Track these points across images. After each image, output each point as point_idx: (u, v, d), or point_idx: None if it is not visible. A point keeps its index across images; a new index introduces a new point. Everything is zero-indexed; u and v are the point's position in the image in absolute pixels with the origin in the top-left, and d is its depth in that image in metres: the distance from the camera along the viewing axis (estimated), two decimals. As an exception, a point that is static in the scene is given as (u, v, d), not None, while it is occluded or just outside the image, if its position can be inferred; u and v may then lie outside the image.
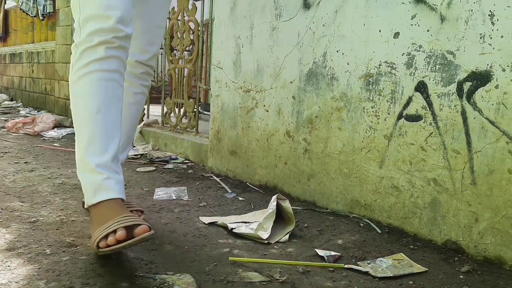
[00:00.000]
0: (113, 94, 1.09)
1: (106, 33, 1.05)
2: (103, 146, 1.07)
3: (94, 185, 1.06)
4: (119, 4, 1.06)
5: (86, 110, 1.06)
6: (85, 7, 1.07)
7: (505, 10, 1.08)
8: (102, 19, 1.05)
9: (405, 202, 1.31)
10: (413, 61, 1.28)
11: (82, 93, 1.07)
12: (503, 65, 1.09)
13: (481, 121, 1.13)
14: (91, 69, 1.06)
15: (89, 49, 1.06)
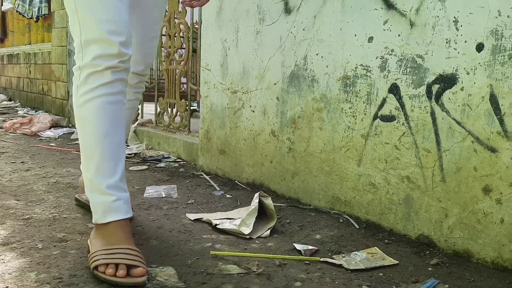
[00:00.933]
0: (119, 117, 1.13)
1: (112, 59, 1.07)
2: (112, 168, 1.10)
3: (104, 206, 1.10)
4: (122, 29, 1.08)
5: (94, 134, 1.09)
6: (87, 29, 1.07)
7: (468, 16, 1.14)
8: (107, 45, 1.06)
9: (382, 199, 1.38)
10: (386, 64, 1.34)
11: (90, 117, 1.09)
12: (467, 68, 1.15)
13: (449, 121, 1.20)
14: (98, 93, 1.08)
15: (95, 74, 1.07)
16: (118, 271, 0.99)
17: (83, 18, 1.07)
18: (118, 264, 1.00)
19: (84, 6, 1.06)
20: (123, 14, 1.08)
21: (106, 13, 1.06)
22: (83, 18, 1.07)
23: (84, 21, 1.07)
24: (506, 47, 1.08)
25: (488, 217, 1.13)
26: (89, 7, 1.06)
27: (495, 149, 1.11)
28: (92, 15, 1.06)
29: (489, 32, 1.11)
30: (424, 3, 1.24)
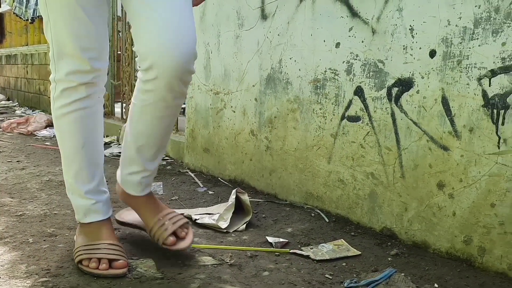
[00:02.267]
0: (96, 125, 1.16)
1: (85, 75, 1.08)
2: (90, 175, 1.16)
3: (84, 208, 1.17)
4: (94, 44, 1.07)
5: (72, 146, 1.13)
6: (58, 42, 1.06)
7: (422, 25, 1.23)
8: (79, 61, 1.06)
9: (349, 194, 1.48)
10: (351, 68, 1.43)
11: (67, 130, 1.13)
12: (422, 73, 1.25)
13: (407, 122, 1.29)
14: (73, 108, 1.10)
15: (69, 89, 1.08)
16: (101, 265, 1.09)
17: (55, 30, 1.05)
18: (101, 259, 1.10)
19: (56, 18, 1.04)
20: (97, 26, 1.07)
21: (78, 27, 1.04)
22: (55, 31, 1.05)
23: (56, 34, 1.05)
24: (455, 54, 1.17)
25: (442, 211, 1.23)
26: (61, 20, 1.04)
27: (447, 147, 1.20)
28: (64, 29, 1.04)
29: (440, 40, 1.20)
30: (384, 12, 1.33)
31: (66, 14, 1.03)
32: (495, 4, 1.09)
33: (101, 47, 1.09)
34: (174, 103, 1.09)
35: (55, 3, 1.03)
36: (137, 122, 1.13)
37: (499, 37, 1.09)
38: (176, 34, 1.00)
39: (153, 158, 1.18)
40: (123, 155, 1.21)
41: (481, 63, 1.12)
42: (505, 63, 1.08)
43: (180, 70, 1.01)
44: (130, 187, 1.21)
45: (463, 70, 1.16)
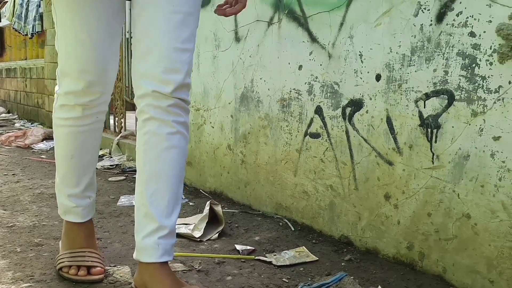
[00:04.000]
0: (89, 141, 1.20)
1: (82, 97, 1.10)
2: (75, 181, 1.22)
3: (65, 207, 1.26)
4: (94, 69, 1.08)
5: (62, 153, 1.20)
6: (62, 60, 1.10)
7: (369, 51, 1.37)
8: (76, 82, 1.08)
9: (313, 205, 1.60)
10: (312, 89, 1.56)
11: (60, 139, 1.19)
12: (370, 95, 1.38)
13: (359, 139, 1.42)
14: (68, 123, 1.15)
15: (67, 107, 1.13)
16: (80, 271, 1.21)
17: (61, 48, 1.09)
18: (80, 266, 1.22)
19: (62, 37, 1.08)
20: (102, 51, 1.08)
21: (81, 51, 1.07)
22: (61, 49, 1.09)
23: (62, 51, 1.09)
24: (396, 78, 1.30)
25: (389, 219, 1.35)
26: (67, 39, 1.07)
27: (392, 162, 1.33)
28: (68, 49, 1.07)
29: (384, 65, 1.33)
30: (338, 39, 1.46)
31: (71, 35, 1.06)
32: (427, 35, 1.22)
33: (102, 71, 1.10)
34: (175, 129, 1.05)
35: (64, 22, 1.07)
36: (144, 164, 1.07)
37: (431, 64, 1.22)
38: (171, 63, 1.04)
39: (169, 211, 1.08)
40: (136, 222, 1.13)
41: (417, 87, 1.25)
42: (436, 87, 1.21)
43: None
44: (146, 253, 1.08)
45: (403, 93, 1.29)
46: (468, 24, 1.14)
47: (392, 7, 1.30)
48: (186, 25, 1.04)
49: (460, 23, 1.15)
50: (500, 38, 1.08)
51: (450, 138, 1.19)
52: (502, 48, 1.08)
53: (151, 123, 1.05)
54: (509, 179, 1.08)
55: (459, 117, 1.17)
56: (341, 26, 1.45)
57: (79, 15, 1.05)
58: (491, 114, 1.11)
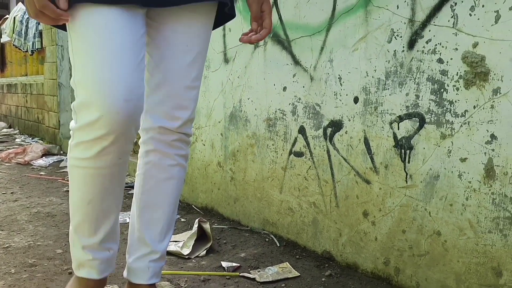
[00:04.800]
0: (110, 185, 1.00)
1: (102, 128, 0.90)
2: (92, 229, 1.03)
3: (79, 260, 1.06)
4: (118, 91, 0.90)
5: (78, 198, 1.01)
6: (80, 90, 0.92)
7: (347, 75, 1.43)
8: (98, 110, 0.89)
9: (297, 221, 1.66)
10: (296, 109, 1.63)
11: (76, 182, 1.00)
12: (349, 116, 1.44)
13: (339, 158, 1.48)
14: (86, 164, 0.96)
15: (85, 143, 0.93)
16: None
17: (77, 77, 0.92)
18: None
19: (79, 63, 0.93)
20: (122, 69, 0.92)
21: (102, 72, 0.90)
22: (78, 77, 0.92)
23: (78, 81, 0.92)
24: (373, 101, 1.36)
25: (367, 236, 1.40)
26: (83, 64, 0.92)
27: (369, 181, 1.39)
28: (85, 74, 0.91)
29: (361, 88, 1.39)
30: (319, 62, 1.53)
31: (91, 58, 0.91)
32: (400, 60, 1.29)
33: (130, 96, 0.92)
34: (176, 162, 1.10)
35: (81, 49, 0.91)
36: (143, 193, 1.10)
37: (404, 88, 1.28)
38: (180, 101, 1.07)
39: (162, 237, 1.12)
40: (128, 243, 1.14)
41: (391, 110, 1.31)
42: (408, 110, 1.27)
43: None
44: (136, 275, 1.12)
45: (379, 115, 1.35)
46: (436, 51, 1.20)
47: (367, 33, 1.36)
48: (196, 63, 1.07)
49: (429, 50, 1.22)
50: (465, 65, 1.14)
51: (421, 159, 1.25)
52: (467, 74, 1.14)
53: (153, 155, 1.09)
54: (475, 199, 1.14)
55: (430, 139, 1.23)
56: (321, 50, 1.51)
57: (101, 34, 0.90)
58: (458, 136, 1.16)
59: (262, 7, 1.07)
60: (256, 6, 1.07)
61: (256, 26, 1.09)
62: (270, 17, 1.09)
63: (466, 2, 1.13)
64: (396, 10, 1.28)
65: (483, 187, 1.13)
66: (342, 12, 1.43)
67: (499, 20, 1.07)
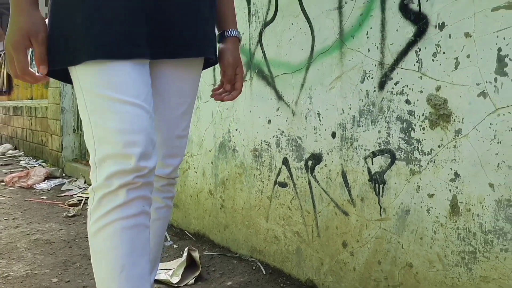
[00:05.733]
0: (139, 243, 0.96)
1: (126, 175, 0.91)
2: None
3: None
4: (140, 138, 0.92)
5: (109, 269, 0.94)
6: (101, 144, 0.92)
7: (325, 111, 1.51)
8: (121, 159, 0.91)
9: (282, 249, 1.72)
10: (279, 141, 1.70)
11: (104, 249, 0.94)
12: (327, 150, 1.51)
13: (319, 190, 1.55)
14: (112, 218, 0.92)
15: (108, 195, 0.92)
16: None
17: (96, 131, 0.93)
18: None
19: (97, 117, 0.92)
20: (142, 120, 0.93)
21: (121, 122, 0.91)
22: (96, 132, 0.93)
23: (98, 135, 0.92)
24: (349, 136, 1.44)
25: (346, 266, 1.46)
26: (102, 118, 0.92)
27: (347, 213, 1.45)
28: (105, 127, 0.91)
29: (338, 124, 1.47)
30: (300, 98, 1.60)
31: (108, 110, 0.91)
32: (372, 100, 1.36)
33: (147, 141, 0.94)
34: (163, 204, 1.17)
35: (95, 102, 0.92)
36: None
37: (376, 126, 1.35)
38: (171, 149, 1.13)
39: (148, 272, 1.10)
40: None
41: (366, 146, 1.38)
42: (381, 147, 1.34)
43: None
44: None
45: (355, 150, 1.42)
46: (404, 93, 1.27)
47: (343, 73, 1.44)
48: (187, 114, 1.14)
49: (398, 91, 1.29)
50: (430, 107, 1.21)
51: (393, 193, 1.31)
52: (432, 115, 1.21)
53: None
54: (443, 233, 1.20)
55: (400, 175, 1.29)
56: (302, 87, 1.59)
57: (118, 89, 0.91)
58: (426, 173, 1.23)
59: (236, 70, 1.16)
60: (231, 71, 1.15)
61: (229, 87, 1.17)
62: (242, 80, 1.18)
63: (429, 48, 1.21)
64: (367, 53, 1.36)
65: (449, 222, 1.19)
66: (319, 52, 1.51)
67: (458, 67, 1.15)
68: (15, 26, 0.88)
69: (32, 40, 0.89)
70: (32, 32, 0.89)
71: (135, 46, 0.92)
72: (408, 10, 1.25)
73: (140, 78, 0.94)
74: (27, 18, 0.88)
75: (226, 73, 1.16)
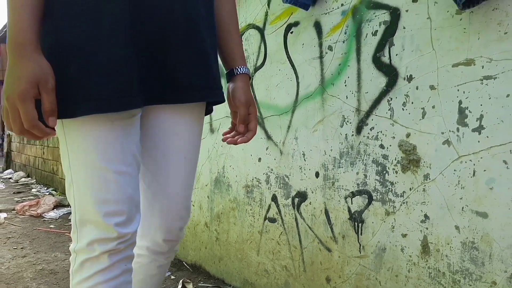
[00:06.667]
0: None
1: (109, 242, 0.89)
2: None
3: None
4: (123, 208, 0.90)
5: None
6: (83, 209, 0.89)
7: (310, 152, 1.60)
8: (103, 228, 0.88)
9: (272, 282, 1.79)
10: (269, 179, 1.79)
11: None
12: (312, 189, 1.60)
13: (305, 226, 1.63)
14: (95, 281, 0.90)
15: (90, 259, 0.90)
16: None
17: (78, 195, 0.89)
18: None
19: (80, 181, 0.88)
20: (126, 188, 0.90)
21: (105, 192, 0.88)
22: (78, 195, 0.89)
23: (80, 199, 0.89)
24: (330, 176, 1.52)
25: (330, 300, 1.53)
26: (85, 183, 0.88)
27: (330, 249, 1.53)
28: (88, 193, 0.88)
29: (321, 165, 1.56)
30: (287, 138, 1.70)
31: (91, 177, 0.87)
32: (350, 143, 1.45)
33: (130, 209, 0.92)
34: (166, 261, 1.11)
35: (80, 165, 0.88)
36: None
37: (355, 167, 1.44)
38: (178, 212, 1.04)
39: None
40: None
41: (346, 186, 1.47)
42: (359, 187, 1.42)
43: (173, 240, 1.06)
44: None
45: (336, 190, 1.50)
46: (378, 138, 1.37)
47: (324, 117, 1.54)
48: (193, 171, 1.07)
49: (373, 136, 1.38)
50: (401, 152, 1.30)
51: (371, 232, 1.39)
52: (403, 160, 1.30)
53: (144, 258, 1.09)
54: (415, 272, 1.26)
55: (377, 214, 1.37)
56: (288, 129, 1.69)
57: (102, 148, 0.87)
58: (399, 214, 1.31)
59: (250, 109, 1.05)
60: (244, 109, 1.04)
61: (242, 129, 1.06)
62: (256, 119, 1.07)
63: (399, 98, 1.30)
64: (346, 100, 1.46)
65: (421, 261, 1.26)
66: (303, 97, 1.62)
67: (425, 116, 1.24)
68: (18, 73, 0.78)
69: (41, 88, 0.79)
70: (41, 78, 0.79)
71: (129, 97, 0.86)
72: (380, 62, 1.35)
73: (129, 138, 0.91)
74: (33, 64, 0.78)
75: (239, 114, 1.05)
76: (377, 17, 1.35)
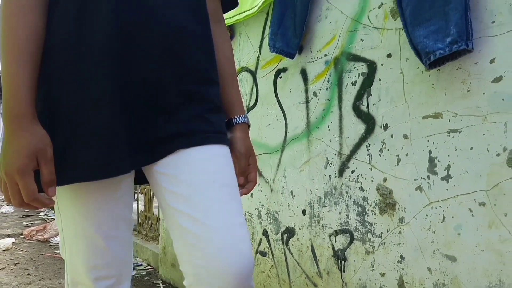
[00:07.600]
0: None
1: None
2: None
3: None
4: (113, 272, 0.91)
5: None
6: (74, 270, 0.91)
7: (297, 190, 1.69)
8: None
9: (264, 313, 1.86)
10: (260, 214, 1.88)
11: None
12: (299, 225, 1.68)
13: (293, 261, 1.71)
14: None
15: None
16: None
17: (70, 258, 0.91)
18: None
19: (72, 245, 0.90)
20: (117, 251, 0.91)
21: (95, 258, 0.89)
22: (70, 258, 0.91)
23: (71, 261, 0.91)
24: (316, 215, 1.61)
25: (317, 334, 1.60)
26: (77, 249, 0.89)
27: (316, 284, 1.60)
28: (79, 258, 0.89)
29: (307, 203, 1.64)
30: (276, 176, 1.80)
31: (82, 243, 0.88)
32: (334, 184, 1.54)
33: (120, 271, 0.93)
34: None
35: (72, 231, 0.89)
36: None
37: (338, 207, 1.52)
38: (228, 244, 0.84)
39: None
40: None
41: (330, 224, 1.55)
42: (342, 226, 1.51)
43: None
44: None
45: (321, 228, 1.59)
46: (358, 181, 1.45)
47: (310, 158, 1.64)
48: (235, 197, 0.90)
49: (354, 179, 1.47)
50: (379, 195, 1.38)
51: (353, 270, 1.46)
52: (380, 203, 1.38)
53: None
54: (392, 310, 1.34)
55: (358, 253, 1.45)
56: (278, 167, 1.79)
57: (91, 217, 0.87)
58: (378, 254, 1.39)
59: (249, 160, 1.02)
60: (244, 161, 1.00)
61: (242, 180, 1.01)
62: (256, 170, 1.04)
63: (376, 144, 1.39)
64: (329, 143, 1.55)
65: (397, 300, 1.33)
66: (291, 138, 1.72)
67: (399, 163, 1.33)
68: (16, 146, 0.75)
69: (39, 159, 0.77)
70: (40, 150, 0.77)
71: (115, 164, 0.82)
72: (360, 110, 1.45)
73: (120, 201, 0.90)
74: (31, 135, 0.76)
75: (238, 165, 0.99)
76: (356, 68, 1.45)
